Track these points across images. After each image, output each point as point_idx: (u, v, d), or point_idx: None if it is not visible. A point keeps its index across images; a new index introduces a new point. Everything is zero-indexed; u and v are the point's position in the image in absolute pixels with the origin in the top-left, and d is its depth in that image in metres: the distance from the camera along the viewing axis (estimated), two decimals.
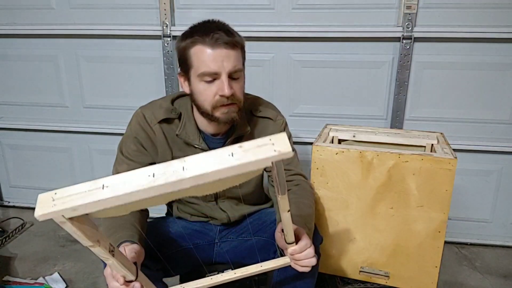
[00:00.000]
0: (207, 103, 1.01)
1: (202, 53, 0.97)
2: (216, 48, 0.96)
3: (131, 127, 1.10)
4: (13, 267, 1.75)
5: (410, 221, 1.26)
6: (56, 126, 2.12)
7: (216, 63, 0.96)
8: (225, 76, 0.98)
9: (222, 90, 0.98)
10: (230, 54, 0.97)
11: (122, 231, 0.92)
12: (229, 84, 0.98)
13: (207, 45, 0.96)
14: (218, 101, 1.00)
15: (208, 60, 0.96)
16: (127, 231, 0.92)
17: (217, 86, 0.98)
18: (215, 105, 1.00)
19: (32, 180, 2.28)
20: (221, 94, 0.98)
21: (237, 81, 1.02)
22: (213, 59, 0.96)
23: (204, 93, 1.00)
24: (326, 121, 1.70)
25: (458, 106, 1.78)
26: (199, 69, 0.98)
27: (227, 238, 1.24)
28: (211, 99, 1.00)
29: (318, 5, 1.75)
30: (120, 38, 1.94)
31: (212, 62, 0.96)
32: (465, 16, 1.67)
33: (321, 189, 1.31)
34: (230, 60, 0.97)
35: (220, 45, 0.96)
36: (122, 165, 1.08)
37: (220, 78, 0.98)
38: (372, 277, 1.37)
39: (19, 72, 2.08)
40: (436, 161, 1.18)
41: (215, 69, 0.97)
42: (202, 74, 0.98)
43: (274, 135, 0.55)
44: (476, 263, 1.81)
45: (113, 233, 0.92)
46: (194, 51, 0.98)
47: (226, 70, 0.97)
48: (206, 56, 0.96)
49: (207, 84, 0.99)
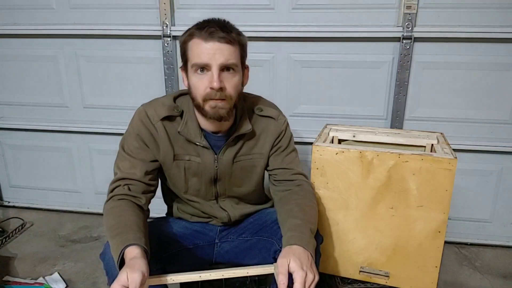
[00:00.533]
0: (198, 95, 1.02)
1: (197, 45, 0.99)
2: (209, 41, 0.97)
3: (133, 124, 1.10)
4: (13, 267, 1.75)
5: (410, 221, 1.26)
6: (56, 126, 2.12)
7: (208, 55, 0.97)
8: (216, 69, 0.98)
9: (211, 82, 0.98)
10: (223, 47, 0.98)
11: (129, 233, 0.91)
12: (220, 78, 0.98)
13: (201, 38, 0.98)
14: (208, 93, 1.00)
15: (201, 52, 0.98)
16: (134, 233, 0.92)
17: (208, 79, 0.99)
18: (205, 98, 1.01)
19: (32, 180, 2.28)
20: (210, 86, 0.99)
21: (231, 76, 1.01)
22: (205, 51, 0.97)
23: (197, 85, 1.01)
24: (326, 121, 1.70)
25: (458, 106, 1.78)
26: (192, 60, 1.00)
27: (227, 238, 1.24)
28: (202, 91, 1.00)
29: (318, 5, 1.75)
30: (120, 38, 1.94)
31: (203, 54, 0.98)
32: (465, 16, 1.67)
33: (321, 189, 1.31)
34: (223, 53, 0.98)
35: (214, 38, 0.97)
36: (124, 161, 1.08)
37: (211, 70, 0.99)
38: (372, 277, 1.37)
39: (19, 72, 2.08)
40: (436, 161, 1.18)
41: (206, 61, 0.98)
42: (194, 64, 0.99)
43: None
44: (476, 263, 1.81)
45: (119, 233, 0.91)
46: (191, 44, 1.00)
47: (217, 62, 0.98)
48: (200, 48, 0.98)
49: (199, 75, 1.00)
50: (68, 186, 2.25)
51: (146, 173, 1.09)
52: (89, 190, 2.24)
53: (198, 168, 1.14)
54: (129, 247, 0.87)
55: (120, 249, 0.87)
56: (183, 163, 1.13)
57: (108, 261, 0.98)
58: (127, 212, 0.99)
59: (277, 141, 1.18)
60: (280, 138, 1.18)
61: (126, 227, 0.94)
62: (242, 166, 1.17)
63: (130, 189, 1.05)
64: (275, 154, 1.18)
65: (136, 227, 0.95)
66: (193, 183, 1.17)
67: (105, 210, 1.02)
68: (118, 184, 1.06)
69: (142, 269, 0.81)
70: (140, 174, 1.07)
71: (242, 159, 1.16)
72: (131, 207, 1.02)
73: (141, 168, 1.08)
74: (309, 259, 0.90)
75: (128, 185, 1.06)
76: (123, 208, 1.00)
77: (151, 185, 1.11)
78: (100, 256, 1.03)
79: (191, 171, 1.15)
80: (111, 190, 1.06)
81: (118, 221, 0.96)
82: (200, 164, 1.13)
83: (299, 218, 1.02)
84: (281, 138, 1.18)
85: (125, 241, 0.89)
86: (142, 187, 1.07)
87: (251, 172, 1.19)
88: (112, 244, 0.92)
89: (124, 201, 1.03)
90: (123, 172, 1.07)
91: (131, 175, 1.06)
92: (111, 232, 0.94)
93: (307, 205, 1.09)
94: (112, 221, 0.97)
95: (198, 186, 1.17)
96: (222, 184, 1.18)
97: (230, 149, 1.13)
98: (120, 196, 1.03)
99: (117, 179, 1.06)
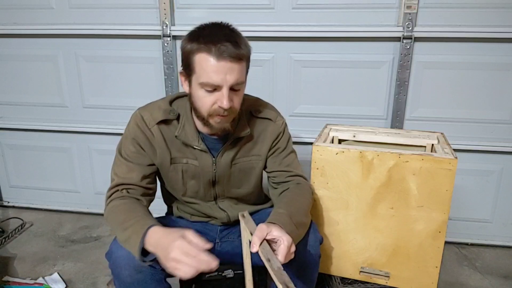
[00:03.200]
0: (204, 109, 1.00)
1: (206, 62, 0.95)
2: (220, 60, 0.94)
3: (129, 128, 1.09)
4: (13, 267, 1.75)
5: (410, 221, 1.26)
6: (56, 126, 2.12)
7: (219, 75, 0.94)
8: (226, 90, 0.96)
9: (221, 102, 0.97)
10: (234, 67, 0.95)
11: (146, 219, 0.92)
12: (229, 97, 0.97)
13: (212, 56, 0.94)
14: (215, 110, 0.99)
15: (211, 71, 0.94)
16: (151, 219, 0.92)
17: (216, 97, 0.97)
18: (211, 114, 1.00)
19: (32, 180, 2.28)
20: (219, 105, 0.97)
21: (237, 93, 1.01)
22: (216, 70, 0.94)
23: (203, 100, 0.99)
24: (326, 121, 1.70)
25: (458, 106, 1.78)
26: (200, 78, 0.96)
27: (227, 238, 1.24)
28: (209, 107, 0.99)
29: (318, 5, 1.75)
30: (120, 38, 1.93)
31: (215, 74, 0.94)
32: (465, 16, 1.67)
33: (321, 189, 1.31)
34: (234, 73, 0.95)
35: (225, 58, 0.93)
36: (121, 166, 1.08)
37: (220, 90, 0.97)
38: (372, 277, 1.37)
39: (19, 72, 2.08)
40: (437, 161, 1.18)
41: (218, 82, 0.95)
42: (203, 83, 0.97)
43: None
44: (476, 263, 1.81)
45: (134, 223, 0.91)
46: (199, 58, 0.96)
47: (228, 83, 0.96)
48: (210, 66, 0.94)
49: (207, 92, 0.98)
50: (67, 186, 2.25)
51: (144, 177, 1.08)
52: (89, 190, 2.24)
53: (196, 171, 1.13)
54: (152, 228, 0.86)
55: (142, 233, 0.86)
56: (181, 166, 1.13)
57: (115, 261, 0.97)
58: (134, 206, 1.00)
59: (275, 142, 1.17)
60: (278, 140, 1.17)
61: (139, 217, 0.93)
62: (240, 168, 1.16)
63: (129, 192, 1.05)
64: (274, 155, 1.18)
65: (149, 215, 0.95)
66: (191, 185, 1.16)
67: (108, 211, 1.02)
68: (116, 189, 1.05)
69: (183, 231, 0.81)
70: (137, 178, 1.07)
71: (240, 161, 1.16)
72: (136, 203, 1.03)
73: (138, 172, 1.07)
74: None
75: (126, 189, 1.05)
76: (130, 204, 1.00)
77: (149, 188, 1.10)
78: (105, 255, 1.02)
79: (189, 174, 1.14)
80: (109, 196, 1.05)
81: (128, 215, 0.95)
82: (198, 167, 1.13)
83: (283, 208, 1.00)
84: (279, 139, 1.17)
85: (144, 225, 0.88)
86: (140, 191, 1.07)
87: (249, 174, 1.19)
88: (125, 236, 0.91)
89: (127, 199, 1.03)
90: (120, 177, 1.06)
91: (128, 180, 1.06)
92: (122, 225, 0.93)
93: (296, 199, 1.07)
94: (121, 216, 0.96)
95: (197, 188, 1.17)
96: (221, 186, 1.18)
97: (228, 152, 1.13)
98: (121, 198, 1.03)
99: (114, 185, 1.06)
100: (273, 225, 0.88)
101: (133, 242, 0.88)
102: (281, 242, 0.84)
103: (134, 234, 0.89)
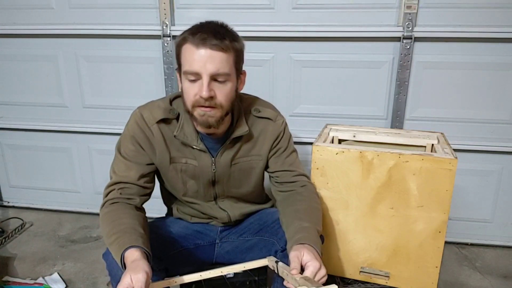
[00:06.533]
0: (188, 101, 1.01)
1: (188, 51, 0.97)
2: (200, 48, 0.95)
3: (129, 127, 1.09)
4: (13, 267, 1.75)
5: (410, 221, 1.26)
6: (56, 126, 2.12)
7: (198, 63, 0.95)
8: (206, 78, 0.96)
9: (200, 91, 0.97)
10: (214, 56, 0.95)
11: (125, 236, 0.91)
12: (210, 87, 0.97)
13: (193, 44, 0.95)
14: (197, 100, 0.99)
15: (191, 59, 0.96)
16: (129, 236, 0.91)
17: (198, 86, 0.98)
18: (194, 104, 1.00)
19: (32, 180, 2.28)
20: (199, 95, 0.97)
21: (222, 85, 0.99)
22: (196, 58, 0.95)
23: (187, 91, 1.00)
24: (326, 121, 1.70)
25: (458, 106, 1.78)
26: (184, 67, 0.98)
27: (228, 238, 1.24)
28: (192, 98, 0.99)
29: (318, 5, 1.75)
30: (120, 38, 1.93)
31: (194, 62, 0.95)
32: (465, 16, 1.67)
33: (321, 189, 1.31)
34: (214, 62, 0.95)
35: (205, 45, 0.94)
36: (120, 164, 1.08)
37: (201, 79, 0.97)
38: (372, 277, 1.37)
39: (19, 72, 2.08)
40: (437, 161, 1.18)
41: (196, 69, 0.96)
42: (185, 72, 0.98)
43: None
44: (476, 263, 1.81)
45: (116, 239, 0.91)
46: (183, 49, 0.98)
47: (208, 71, 0.95)
48: (191, 54, 0.96)
49: (190, 82, 0.99)
50: (67, 186, 2.25)
51: (142, 176, 1.08)
52: (89, 190, 2.24)
53: (195, 171, 1.13)
54: (128, 251, 0.86)
55: (119, 255, 0.87)
56: (180, 166, 1.13)
57: (111, 262, 0.98)
58: (120, 216, 0.99)
59: (276, 142, 1.17)
60: (279, 140, 1.17)
61: (121, 232, 0.93)
62: (240, 168, 1.16)
63: (123, 192, 1.05)
64: (275, 156, 1.18)
65: (131, 229, 0.94)
66: (191, 185, 1.16)
67: (100, 216, 1.03)
68: (112, 188, 1.05)
69: (145, 269, 0.80)
70: (135, 177, 1.07)
71: (240, 161, 1.16)
72: (125, 210, 1.02)
73: (137, 171, 1.07)
74: (320, 257, 0.92)
75: (122, 189, 1.05)
76: (117, 213, 1.00)
77: (147, 187, 1.10)
78: (103, 256, 1.03)
79: (188, 174, 1.14)
80: (106, 195, 1.05)
81: (112, 226, 0.95)
82: (197, 167, 1.13)
83: (307, 221, 1.02)
84: (280, 139, 1.17)
85: (122, 245, 0.88)
86: (137, 189, 1.07)
87: (249, 174, 1.19)
88: (111, 250, 0.92)
89: (117, 204, 1.02)
90: (118, 175, 1.06)
91: (126, 178, 1.06)
92: (108, 239, 0.94)
93: (313, 207, 1.09)
94: (107, 228, 0.96)
95: (196, 188, 1.17)
96: (221, 186, 1.18)
97: (227, 152, 1.13)
98: (113, 200, 1.03)
99: (112, 183, 1.06)
100: (303, 248, 0.91)
101: (116, 257, 0.90)
102: (307, 268, 0.88)
103: (116, 250, 0.90)
